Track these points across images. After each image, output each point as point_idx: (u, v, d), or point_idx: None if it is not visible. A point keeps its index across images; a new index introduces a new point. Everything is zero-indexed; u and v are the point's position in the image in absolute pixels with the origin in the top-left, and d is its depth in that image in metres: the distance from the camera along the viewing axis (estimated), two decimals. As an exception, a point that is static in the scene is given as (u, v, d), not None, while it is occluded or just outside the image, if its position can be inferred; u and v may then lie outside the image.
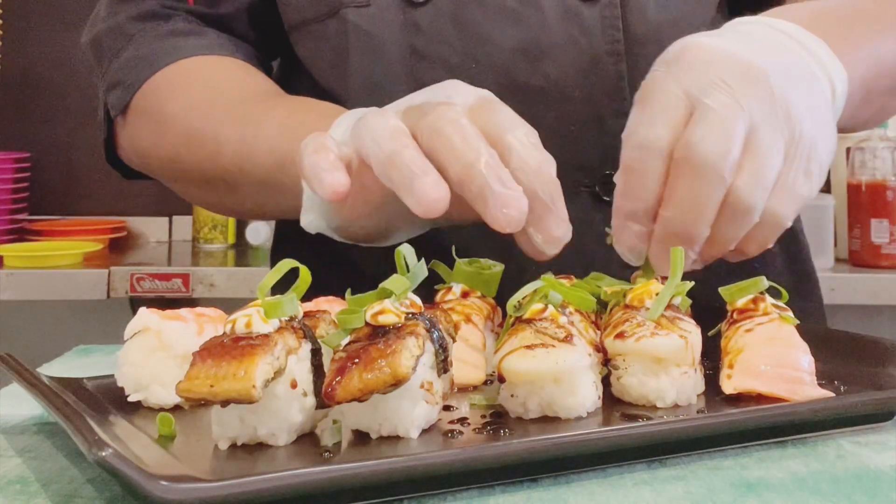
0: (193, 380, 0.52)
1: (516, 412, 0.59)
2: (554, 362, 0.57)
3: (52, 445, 0.59)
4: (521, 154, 0.63)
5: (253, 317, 0.54)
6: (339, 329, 0.57)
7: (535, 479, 0.52)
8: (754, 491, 0.51)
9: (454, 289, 0.70)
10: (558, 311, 0.61)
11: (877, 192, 2.14)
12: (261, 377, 0.51)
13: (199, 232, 2.36)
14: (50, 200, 2.45)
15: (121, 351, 0.63)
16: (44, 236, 2.27)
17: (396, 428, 0.55)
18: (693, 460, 0.55)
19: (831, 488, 0.51)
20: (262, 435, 0.54)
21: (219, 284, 2.02)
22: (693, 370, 0.62)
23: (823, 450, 0.57)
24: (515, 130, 0.63)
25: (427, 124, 0.62)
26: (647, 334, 0.61)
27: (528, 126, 0.64)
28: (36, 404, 0.63)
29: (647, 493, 0.51)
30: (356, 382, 0.52)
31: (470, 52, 0.86)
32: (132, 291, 1.99)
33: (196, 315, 0.64)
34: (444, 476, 0.50)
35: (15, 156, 2.31)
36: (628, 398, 0.62)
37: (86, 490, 0.51)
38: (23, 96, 2.48)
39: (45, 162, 2.44)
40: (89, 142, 2.48)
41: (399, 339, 0.54)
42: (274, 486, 0.45)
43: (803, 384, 0.61)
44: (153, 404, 0.62)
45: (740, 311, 0.66)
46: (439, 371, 0.57)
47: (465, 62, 0.86)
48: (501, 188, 0.60)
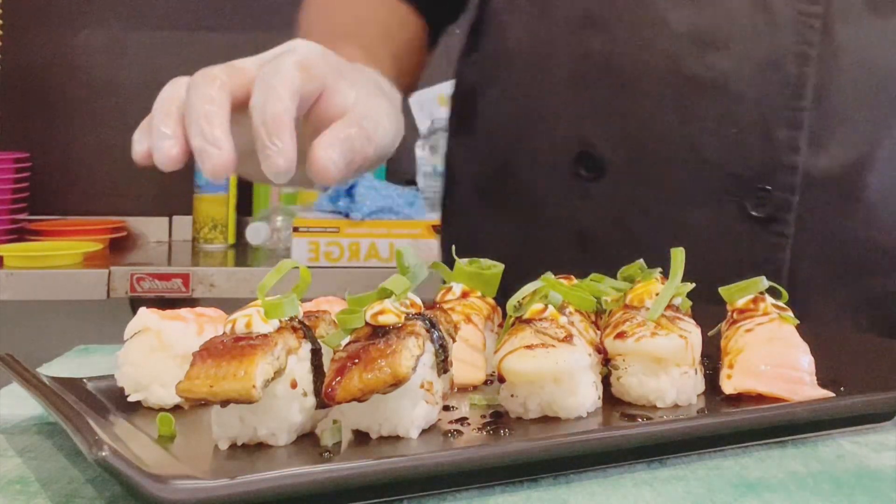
0: (193, 380, 0.52)
1: (516, 412, 0.59)
2: (554, 362, 0.57)
3: (52, 445, 0.59)
4: (256, 95, 0.62)
5: (253, 317, 0.54)
6: (339, 329, 0.57)
7: (535, 479, 0.52)
8: (754, 491, 0.51)
9: (454, 289, 0.70)
10: (558, 312, 0.61)
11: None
12: (261, 377, 0.51)
13: (199, 232, 2.36)
14: (50, 200, 2.45)
15: (121, 351, 0.63)
16: (44, 236, 2.26)
17: (396, 428, 0.55)
18: (693, 460, 0.55)
19: (831, 488, 0.51)
20: (262, 435, 0.54)
21: (219, 284, 2.02)
22: (693, 370, 0.62)
23: (823, 450, 0.57)
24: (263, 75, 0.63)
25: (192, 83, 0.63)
26: (647, 334, 0.61)
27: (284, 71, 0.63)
28: (36, 404, 0.63)
29: (647, 493, 0.51)
30: (356, 382, 0.52)
31: (639, 30, 0.81)
32: (132, 291, 1.99)
33: (196, 315, 0.64)
34: (444, 476, 0.50)
35: (15, 156, 2.31)
36: (628, 398, 0.62)
37: (86, 490, 0.51)
38: (23, 96, 2.47)
39: (45, 162, 2.44)
40: (89, 142, 2.49)
41: (399, 339, 0.54)
42: (274, 486, 0.45)
43: (803, 384, 0.61)
44: (153, 404, 0.62)
45: (740, 311, 0.66)
46: (439, 371, 0.57)
47: (631, 39, 0.81)
48: (202, 143, 0.60)
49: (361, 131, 0.65)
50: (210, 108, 0.61)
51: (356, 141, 0.65)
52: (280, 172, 0.61)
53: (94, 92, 2.47)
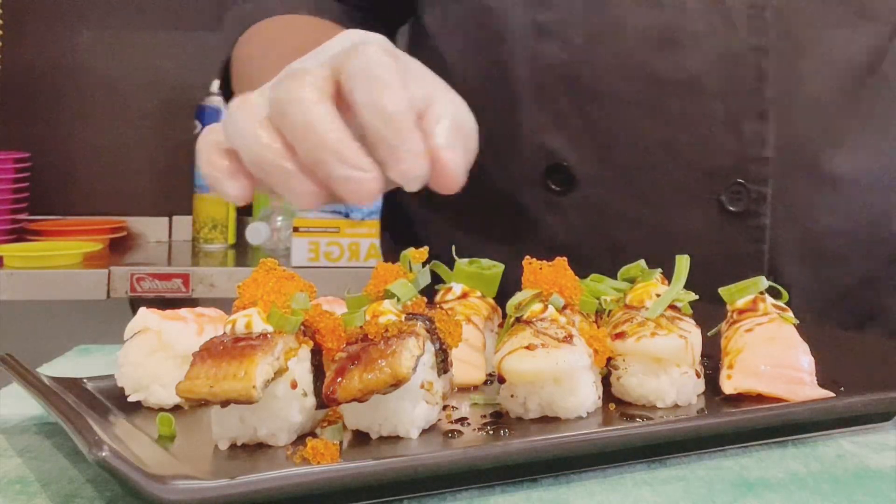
0: (193, 380, 0.52)
1: (516, 412, 0.59)
2: (554, 362, 0.57)
3: (52, 445, 0.59)
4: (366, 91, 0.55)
5: (253, 317, 0.54)
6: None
7: (535, 479, 0.52)
8: (754, 491, 0.51)
9: (454, 289, 0.70)
10: (558, 312, 0.61)
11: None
12: (261, 377, 0.51)
13: (199, 232, 2.36)
14: (50, 200, 2.45)
15: (121, 351, 0.63)
16: (44, 236, 2.26)
17: (396, 428, 0.55)
18: (693, 460, 0.55)
19: (831, 488, 0.51)
20: (262, 435, 0.54)
21: (219, 284, 2.02)
22: (693, 370, 0.62)
23: (823, 450, 0.57)
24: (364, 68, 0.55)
25: (280, 112, 0.56)
26: (647, 334, 0.61)
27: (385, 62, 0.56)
28: (36, 404, 0.63)
29: (647, 493, 0.51)
30: (356, 383, 0.52)
31: (597, 35, 0.80)
32: (132, 291, 1.99)
33: (196, 315, 0.64)
34: (444, 476, 0.50)
35: (15, 156, 2.31)
36: (628, 398, 0.62)
37: (86, 490, 0.51)
38: (23, 96, 2.47)
39: (45, 162, 2.44)
40: (89, 142, 2.49)
41: (399, 340, 0.54)
42: (274, 486, 0.45)
43: (803, 384, 0.61)
44: (153, 404, 0.62)
45: (740, 311, 0.66)
46: (439, 371, 0.57)
47: (590, 45, 0.80)
48: (346, 171, 0.54)
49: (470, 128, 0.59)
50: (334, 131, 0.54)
51: (470, 140, 0.59)
52: (418, 177, 0.55)
53: (94, 92, 2.47)
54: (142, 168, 2.50)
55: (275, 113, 0.56)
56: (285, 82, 0.56)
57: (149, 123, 2.46)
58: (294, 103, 0.55)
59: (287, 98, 0.55)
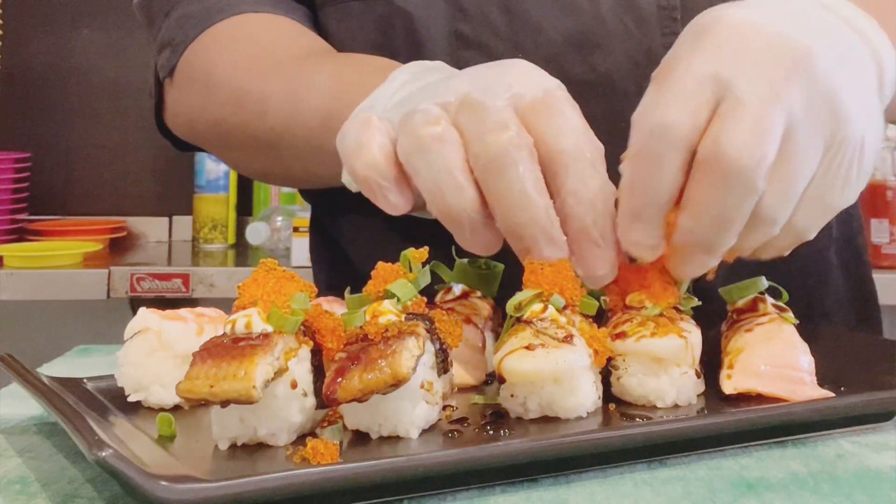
0: (193, 380, 0.52)
1: (516, 412, 0.59)
2: (554, 362, 0.57)
3: (52, 445, 0.59)
4: (577, 179, 0.57)
5: (253, 317, 0.54)
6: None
7: (535, 479, 0.52)
8: (754, 491, 0.51)
9: (454, 289, 0.70)
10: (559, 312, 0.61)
11: (877, 193, 2.14)
12: (261, 377, 0.51)
13: (199, 232, 2.36)
14: (50, 200, 2.45)
15: (121, 351, 0.63)
16: (44, 236, 2.27)
17: (396, 428, 0.55)
18: (693, 460, 0.55)
19: (831, 488, 0.51)
20: (262, 435, 0.54)
21: (219, 284, 2.02)
22: (693, 370, 0.62)
23: (823, 450, 0.57)
24: (576, 148, 0.57)
25: (485, 169, 0.56)
26: (647, 334, 0.61)
27: (592, 141, 0.58)
28: (36, 404, 0.63)
29: (647, 493, 0.51)
30: (356, 383, 0.52)
31: (517, 42, 0.82)
32: (132, 291, 1.99)
33: (196, 315, 0.64)
34: (445, 476, 0.50)
35: (15, 156, 2.31)
36: (628, 398, 0.62)
37: (86, 490, 0.51)
38: (23, 96, 2.48)
39: (45, 162, 2.44)
40: (89, 142, 2.49)
41: (399, 340, 0.54)
42: (274, 486, 0.45)
43: (803, 384, 0.61)
44: (153, 404, 0.62)
45: (740, 311, 0.66)
46: (439, 371, 0.57)
47: (510, 52, 0.81)
48: (548, 248, 0.57)
49: None
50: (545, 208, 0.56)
51: None
52: (601, 276, 0.58)
53: (94, 92, 2.48)
54: (142, 168, 2.50)
55: (480, 169, 0.56)
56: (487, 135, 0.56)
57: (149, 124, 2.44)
58: (508, 168, 0.56)
59: (497, 156, 0.56)
